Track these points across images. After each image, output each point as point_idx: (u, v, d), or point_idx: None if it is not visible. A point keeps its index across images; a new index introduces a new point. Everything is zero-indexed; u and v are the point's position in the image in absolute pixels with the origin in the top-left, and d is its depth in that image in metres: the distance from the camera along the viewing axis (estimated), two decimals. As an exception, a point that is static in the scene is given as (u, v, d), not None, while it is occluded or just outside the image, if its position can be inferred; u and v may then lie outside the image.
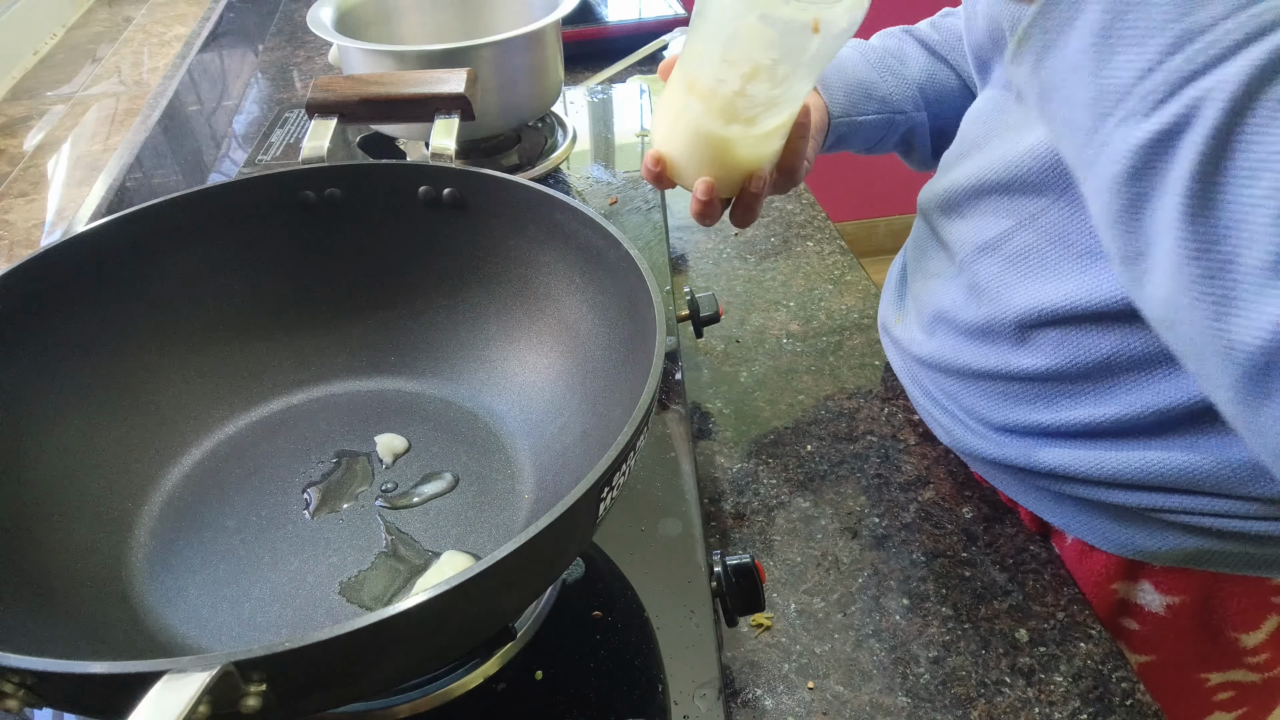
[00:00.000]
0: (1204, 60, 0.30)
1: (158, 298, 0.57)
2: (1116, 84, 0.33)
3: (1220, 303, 0.31)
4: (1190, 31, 0.30)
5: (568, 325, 0.57)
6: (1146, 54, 0.31)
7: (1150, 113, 0.32)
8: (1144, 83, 0.32)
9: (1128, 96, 0.32)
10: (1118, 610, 0.59)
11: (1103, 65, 0.33)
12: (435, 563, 0.50)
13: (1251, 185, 0.30)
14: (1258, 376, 0.31)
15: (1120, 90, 0.32)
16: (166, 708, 0.28)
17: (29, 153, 0.96)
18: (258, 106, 1.13)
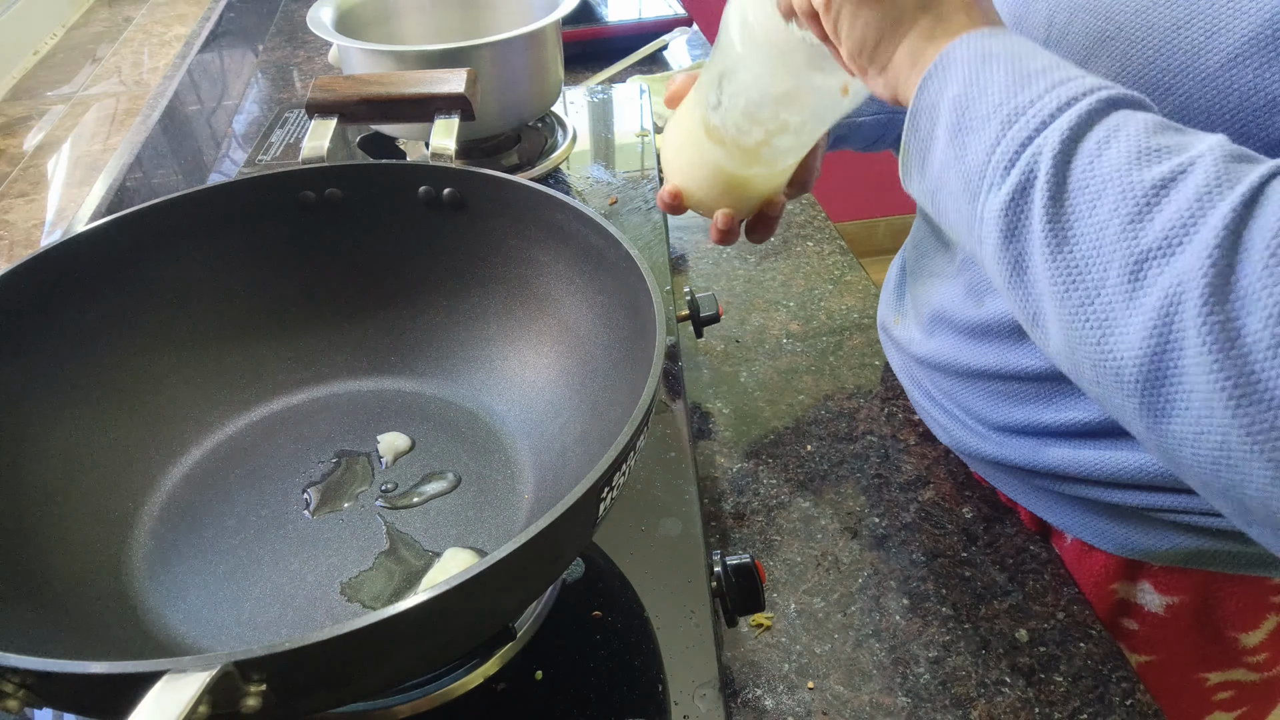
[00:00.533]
0: (1033, 128, 0.36)
1: (158, 298, 0.57)
2: (974, 166, 0.38)
3: (1100, 327, 0.34)
4: (1017, 110, 0.37)
5: (568, 325, 0.57)
6: (989, 135, 0.37)
7: (1002, 181, 0.37)
8: (992, 158, 0.37)
9: (984, 173, 0.37)
10: (1117, 610, 0.59)
11: (962, 155, 0.38)
12: (438, 560, 0.50)
13: (1094, 212, 0.34)
14: (1152, 391, 0.33)
15: (978, 170, 0.38)
16: (166, 707, 0.28)
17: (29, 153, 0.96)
18: (258, 106, 1.13)
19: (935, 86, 0.40)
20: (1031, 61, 0.38)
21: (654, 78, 1.12)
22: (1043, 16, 0.49)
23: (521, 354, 0.60)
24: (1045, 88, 0.37)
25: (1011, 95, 0.37)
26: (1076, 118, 0.35)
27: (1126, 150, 0.34)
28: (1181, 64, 0.41)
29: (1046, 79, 0.37)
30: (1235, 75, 0.39)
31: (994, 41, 0.39)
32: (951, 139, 0.39)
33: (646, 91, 1.03)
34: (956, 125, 0.39)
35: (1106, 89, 0.36)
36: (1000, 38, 0.39)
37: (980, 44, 0.39)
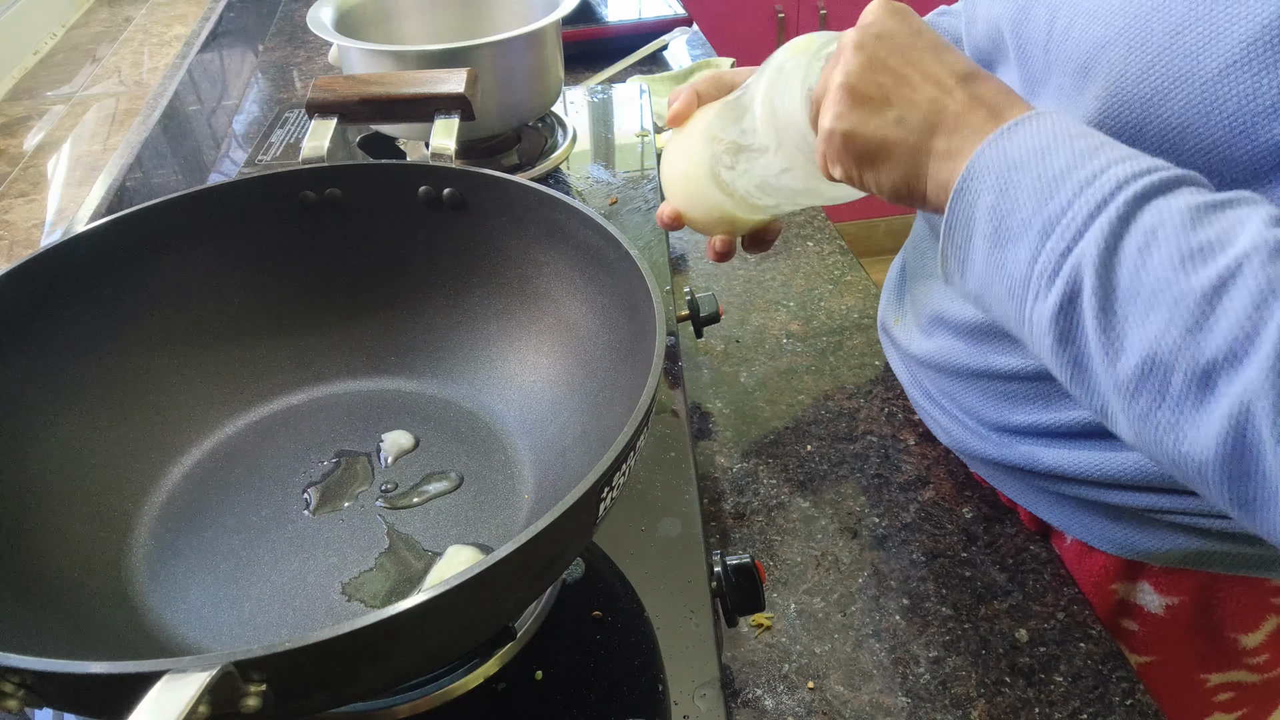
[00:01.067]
0: (1069, 238, 0.37)
1: (158, 298, 0.57)
2: (1016, 276, 0.39)
3: (1172, 430, 0.35)
4: (1050, 220, 0.37)
5: (568, 325, 0.57)
6: (1028, 247, 0.38)
7: (1047, 291, 0.37)
8: (1034, 269, 0.38)
9: (1028, 283, 0.38)
10: (1117, 611, 0.59)
11: (1002, 265, 0.39)
12: (441, 557, 0.50)
13: (1148, 322, 0.34)
14: (1236, 487, 0.34)
15: (1021, 280, 0.39)
16: (166, 707, 0.28)
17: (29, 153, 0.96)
18: (258, 106, 1.13)
19: (966, 201, 0.40)
20: (1054, 159, 0.38)
21: (654, 78, 1.12)
22: (1043, 21, 0.49)
23: (521, 354, 0.60)
24: (1073, 192, 0.37)
25: (1042, 205, 0.38)
26: (1110, 225, 0.35)
27: (1169, 255, 0.34)
28: (1180, 69, 0.41)
29: (1073, 181, 0.37)
30: (1233, 81, 0.39)
31: (1013, 142, 0.39)
32: (990, 250, 0.40)
33: (646, 91, 1.03)
34: (994, 237, 0.39)
35: (1133, 181, 0.36)
36: (1018, 135, 0.40)
37: (1001, 151, 0.40)
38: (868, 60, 0.44)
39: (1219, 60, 0.39)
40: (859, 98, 0.44)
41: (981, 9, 0.56)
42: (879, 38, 0.44)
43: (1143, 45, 0.42)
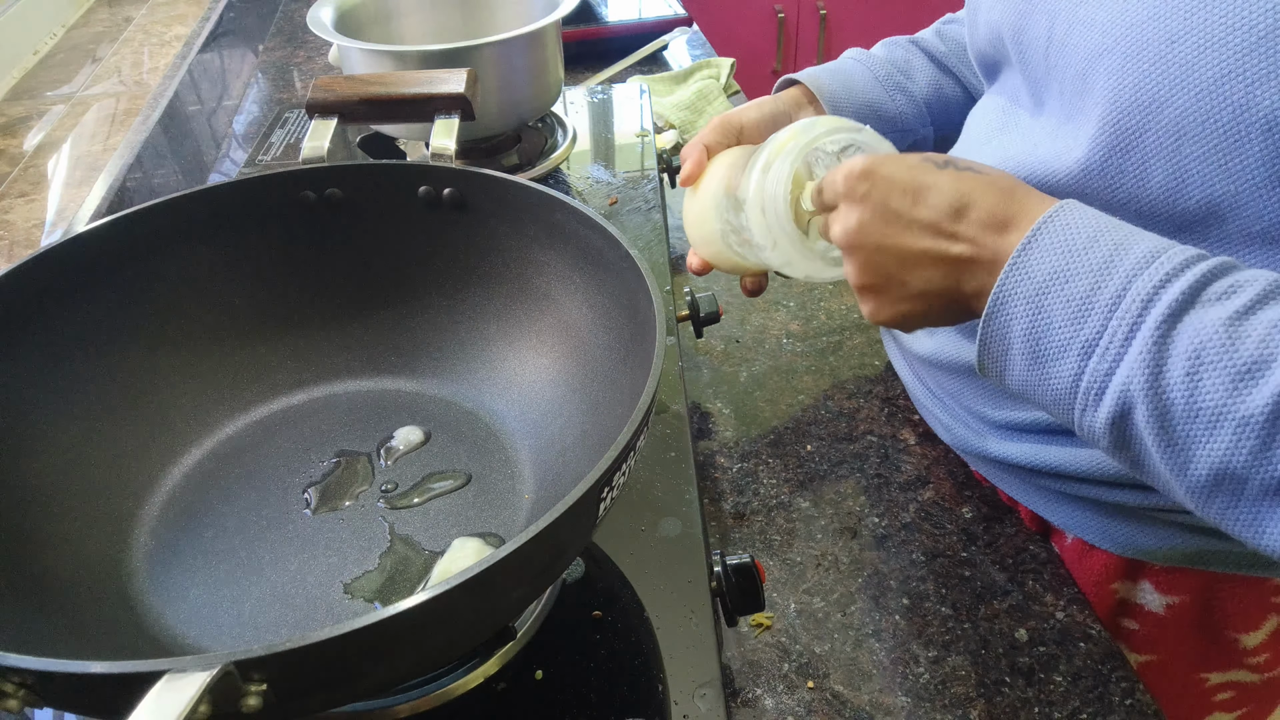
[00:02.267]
0: (1110, 361, 0.38)
1: (158, 298, 0.57)
2: (1061, 390, 0.40)
3: (1251, 526, 0.37)
4: (1089, 344, 0.39)
5: (568, 325, 0.57)
6: (1069, 368, 0.40)
7: (1096, 406, 0.39)
8: (1079, 387, 0.39)
9: (1074, 397, 0.40)
10: (1117, 610, 0.59)
11: (1045, 380, 0.41)
12: (448, 550, 0.50)
13: (1212, 441, 0.36)
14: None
15: (1067, 394, 0.40)
16: (167, 707, 0.28)
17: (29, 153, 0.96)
18: (258, 106, 1.13)
19: (1000, 323, 0.42)
20: (1077, 282, 0.39)
21: (654, 78, 1.12)
22: (1042, 28, 0.49)
23: (521, 354, 0.60)
24: (1103, 316, 0.38)
25: (1076, 329, 0.39)
26: (1149, 351, 0.37)
27: (1220, 380, 0.36)
28: (1176, 78, 0.41)
29: (1100, 305, 0.38)
30: (1228, 90, 0.40)
31: (1032, 266, 0.40)
32: (1030, 367, 0.41)
33: (646, 92, 1.03)
34: (1032, 356, 0.41)
35: (1157, 298, 0.37)
36: (1035, 258, 0.40)
37: (1024, 274, 0.41)
38: (864, 260, 0.46)
39: (1214, 70, 0.40)
40: (872, 291, 0.46)
41: (983, 14, 0.57)
42: (861, 231, 0.45)
43: (1139, 54, 0.43)
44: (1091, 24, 0.45)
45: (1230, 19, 0.39)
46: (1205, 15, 0.40)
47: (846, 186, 0.45)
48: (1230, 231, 0.43)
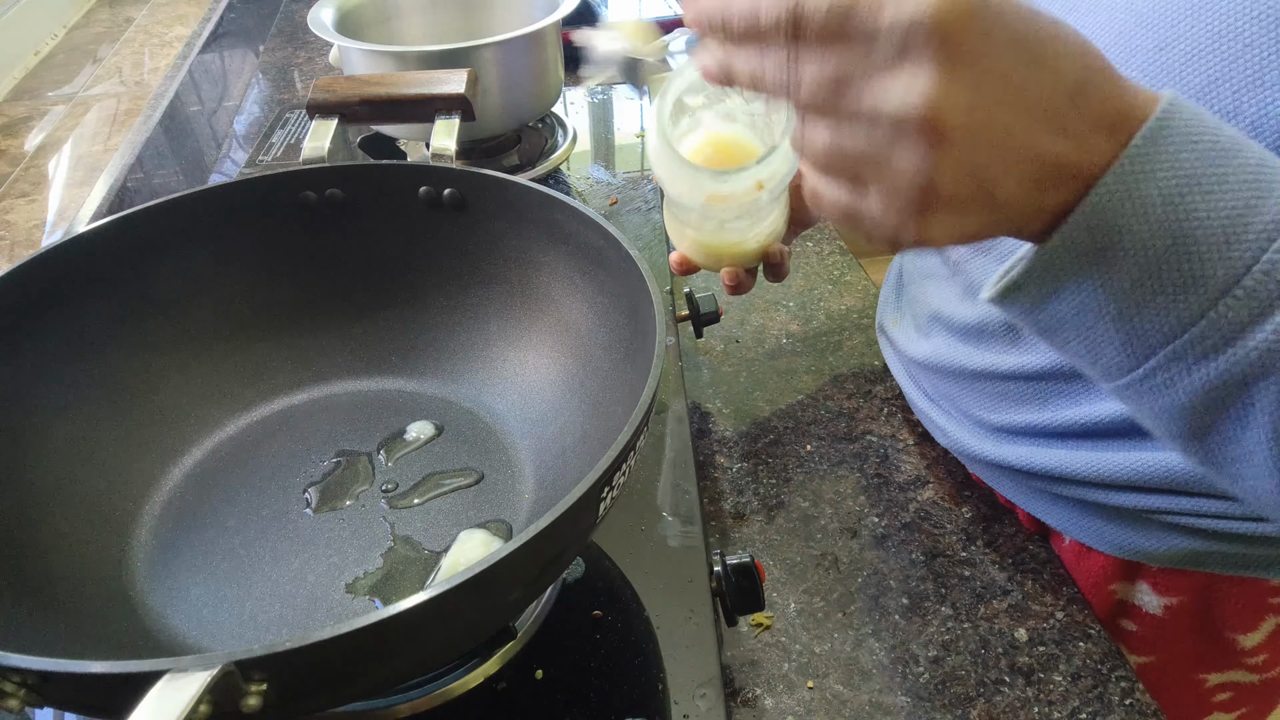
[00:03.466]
0: (1257, 305, 0.31)
1: (158, 298, 0.57)
2: (1159, 332, 0.33)
3: None
4: (1231, 278, 0.31)
5: (568, 325, 0.57)
6: (1195, 302, 0.32)
7: (1206, 360, 0.32)
8: (1191, 332, 0.32)
9: (1174, 344, 0.32)
10: (1116, 611, 0.59)
11: (1136, 315, 0.33)
12: (454, 543, 0.51)
13: None
14: None
15: (1163, 337, 0.33)
16: (167, 707, 0.28)
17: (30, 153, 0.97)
18: (258, 107, 1.13)
19: (1105, 231, 0.32)
20: (1229, 194, 0.31)
21: (654, 79, 1.12)
22: None
23: (521, 354, 0.60)
24: (1259, 243, 0.31)
25: (1223, 253, 0.31)
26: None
27: None
28: (1163, 84, 0.41)
29: (1258, 227, 0.31)
30: (1215, 96, 0.40)
31: (1170, 167, 0.31)
32: (1124, 296, 0.33)
33: (646, 92, 1.03)
34: (1137, 284, 0.32)
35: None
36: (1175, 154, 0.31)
37: (1157, 178, 0.31)
38: (955, 155, 0.30)
39: (1201, 78, 0.40)
40: (953, 202, 0.31)
41: None
42: (959, 106, 0.29)
43: (1126, 61, 0.43)
44: (1084, 28, 0.45)
45: (1217, 26, 0.39)
46: (1193, 22, 0.40)
47: (937, 23, 0.28)
48: None
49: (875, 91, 0.30)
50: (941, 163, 0.30)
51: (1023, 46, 0.30)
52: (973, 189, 0.31)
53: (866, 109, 0.30)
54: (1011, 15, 0.30)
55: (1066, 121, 0.31)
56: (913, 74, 0.29)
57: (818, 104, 0.32)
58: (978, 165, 0.30)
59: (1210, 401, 0.33)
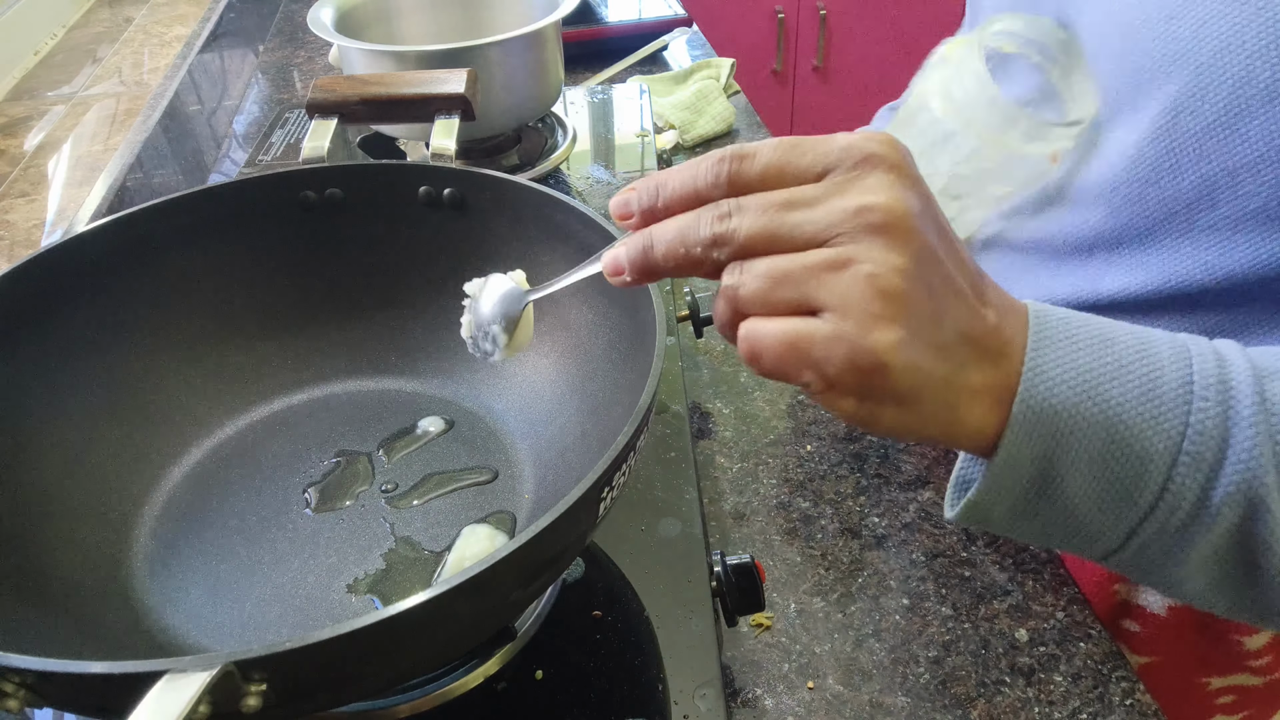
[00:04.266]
0: (1211, 460, 0.33)
1: (158, 298, 0.57)
2: (1143, 507, 0.34)
3: None
4: (1172, 448, 0.33)
5: (568, 325, 0.57)
6: (1156, 477, 0.33)
7: (1208, 516, 0.33)
8: (1159, 509, 0.34)
9: (1166, 512, 0.34)
10: (1119, 611, 0.59)
11: (1123, 500, 0.34)
12: (458, 537, 0.51)
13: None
14: None
15: (1136, 518, 0.34)
16: (167, 707, 0.28)
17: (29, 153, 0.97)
18: (258, 107, 1.13)
19: (1039, 442, 0.33)
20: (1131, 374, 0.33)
21: (654, 78, 1.12)
22: (1050, 12, 0.50)
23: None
24: (1179, 408, 0.33)
25: (1155, 429, 0.33)
26: (1263, 434, 0.32)
27: None
28: (1175, 53, 0.42)
29: (1168, 393, 0.33)
30: (1227, 63, 0.40)
31: (1068, 359, 0.33)
32: (1100, 484, 0.34)
33: (646, 92, 1.03)
34: (1102, 474, 0.34)
35: (1230, 374, 0.33)
36: (1065, 349, 0.34)
37: (1068, 371, 0.33)
38: (919, 252, 0.31)
39: (1213, 44, 0.40)
40: (908, 307, 0.30)
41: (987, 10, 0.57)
42: (911, 213, 0.31)
43: (1138, 32, 0.43)
44: (1095, 5, 0.45)
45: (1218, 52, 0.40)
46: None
47: (869, 156, 0.31)
48: (1220, 217, 0.43)
49: (828, 206, 0.31)
50: (898, 257, 0.30)
51: (938, 209, 0.32)
52: (922, 299, 0.31)
53: (819, 222, 0.31)
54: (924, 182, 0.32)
55: (983, 292, 0.33)
56: (863, 183, 0.31)
57: (762, 236, 0.31)
58: (923, 273, 0.31)
59: (1237, 543, 0.34)
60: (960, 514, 0.37)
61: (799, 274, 0.31)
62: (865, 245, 0.30)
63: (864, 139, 0.31)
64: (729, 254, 0.32)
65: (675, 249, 0.33)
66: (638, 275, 0.34)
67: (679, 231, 0.33)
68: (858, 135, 0.32)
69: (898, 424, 0.33)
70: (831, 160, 0.31)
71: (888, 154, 0.31)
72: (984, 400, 0.33)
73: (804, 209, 0.31)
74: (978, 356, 0.33)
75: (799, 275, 0.31)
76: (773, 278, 0.31)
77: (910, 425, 0.33)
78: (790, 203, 0.31)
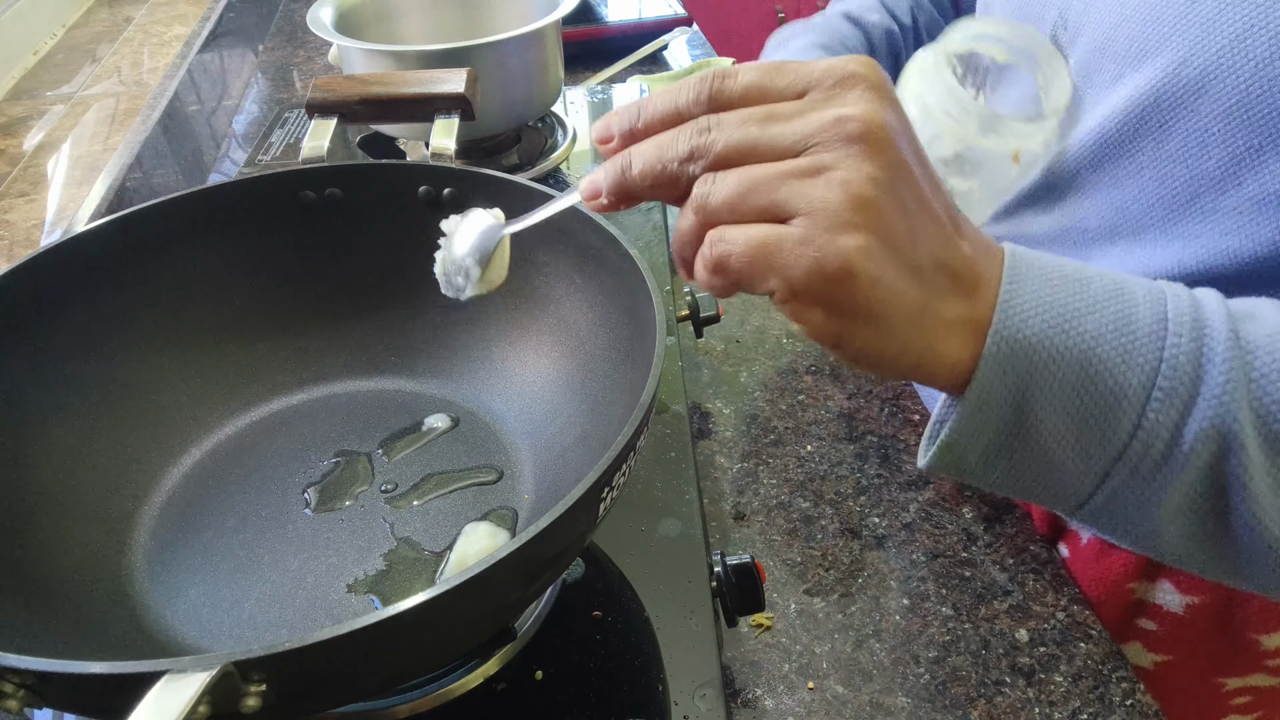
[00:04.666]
0: (1184, 398, 0.33)
1: (158, 298, 0.57)
2: (1115, 449, 0.34)
3: None
4: (1144, 386, 0.33)
5: (568, 325, 0.57)
6: (1128, 417, 0.33)
7: (1179, 457, 0.34)
8: (1132, 446, 0.34)
9: (1122, 460, 0.34)
10: (1135, 610, 0.59)
11: (1096, 439, 0.34)
12: (460, 536, 0.51)
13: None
14: None
15: (1110, 457, 0.34)
16: (166, 708, 0.28)
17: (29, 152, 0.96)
18: (258, 106, 1.13)
19: (1013, 377, 0.33)
20: (1102, 312, 0.34)
21: (654, 78, 1.12)
22: (1054, 9, 0.49)
23: (521, 354, 0.60)
24: (1152, 346, 0.33)
25: (1126, 369, 0.33)
26: (1236, 373, 0.32)
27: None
28: (1197, 37, 0.42)
29: (1142, 332, 0.33)
30: (1251, 44, 0.40)
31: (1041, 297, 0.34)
32: (1073, 424, 0.34)
33: (646, 91, 1.03)
34: (1076, 412, 0.34)
35: (1204, 316, 0.33)
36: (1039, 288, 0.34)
37: (1040, 309, 0.33)
38: (894, 164, 0.31)
39: (1236, 26, 0.40)
40: (880, 217, 0.30)
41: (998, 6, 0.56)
42: (897, 131, 0.31)
43: (1158, 19, 0.44)
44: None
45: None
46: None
47: (849, 75, 0.31)
48: (1245, 197, 0.43)
49: (806, 118, 0.31)
50: (872, 166, 0.30)
51: (913, 135, 0.33)
52: (896, 219, 0.31)
53: (796, 132, 0.31)
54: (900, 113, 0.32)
55: (959, 226, 0.33)
56: (842, 98, 0.31)
57: (739, 149, 0.31)
58: (899, 195, 0.31)
59: (1211, 485, 0.34)
60: (934, 458, 0.37)
61: (771, 180, 0.31)
62: (840, 153, 0.30)
63: (844, 60, 0.32)
64: (704, 167, 0.32)
65: (653, 166, 0.33)
66: (615, 197, 0.34)
67: (657, 147, 0.33)
68: (838, 58, 0.32)
69: (869, 346, 0.32)
70: (813, 79, 0.31)
71: (868, 74, 0.31)
72: (958, 332, 0.33)
73: (782, 122, 0.31)
74: (952, 287, 0.33)
75: (771, 182, 0.31)
76: (745, 185, 0.31)
77: (883, 350, 0.32)
78: (769, 116, 0.31)
